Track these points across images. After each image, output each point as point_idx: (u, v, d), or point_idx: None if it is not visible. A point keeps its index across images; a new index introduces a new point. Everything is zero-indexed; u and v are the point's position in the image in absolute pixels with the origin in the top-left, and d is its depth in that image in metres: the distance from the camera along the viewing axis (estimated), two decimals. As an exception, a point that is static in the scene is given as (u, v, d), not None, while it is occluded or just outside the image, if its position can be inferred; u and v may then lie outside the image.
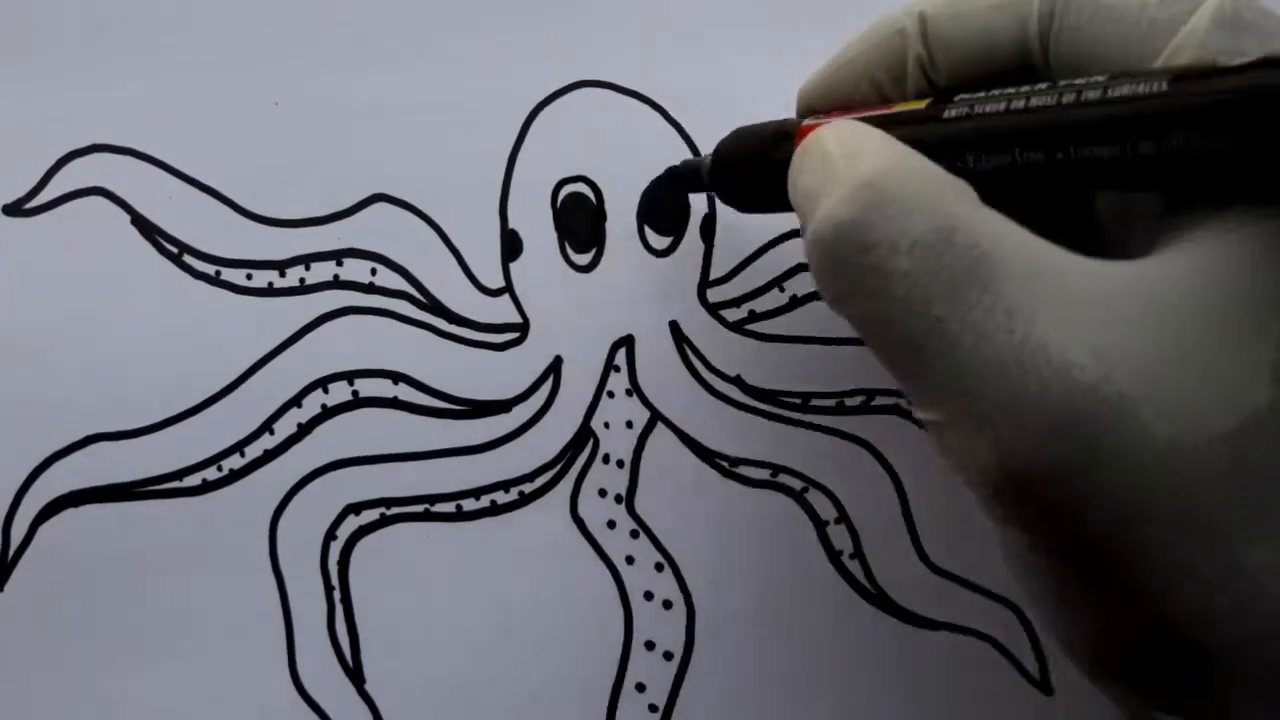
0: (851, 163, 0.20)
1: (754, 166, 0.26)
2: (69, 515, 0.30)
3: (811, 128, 0.24)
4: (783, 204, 0.25)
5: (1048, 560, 0.19)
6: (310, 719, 0.30)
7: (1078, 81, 0.20)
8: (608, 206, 0.31)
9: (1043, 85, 0.20)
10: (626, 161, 0.31)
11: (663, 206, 0.31)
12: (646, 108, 0.31)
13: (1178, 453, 0.17)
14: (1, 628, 0.30)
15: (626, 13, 0.31)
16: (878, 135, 0.21)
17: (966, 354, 0.18)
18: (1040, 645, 0.31)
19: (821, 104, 0.25)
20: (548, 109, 0.31)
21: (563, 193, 0.31)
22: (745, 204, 0.28)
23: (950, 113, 0.21)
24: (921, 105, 0.22)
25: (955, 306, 0.18)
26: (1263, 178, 0.18)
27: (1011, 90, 0.21)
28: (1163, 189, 0.20)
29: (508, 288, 0.31)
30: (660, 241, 0.31)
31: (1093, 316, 0.18)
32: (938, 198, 0.19)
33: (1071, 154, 0.19)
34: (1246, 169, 0.18)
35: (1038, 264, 0.18)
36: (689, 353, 0.31)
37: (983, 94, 0.21)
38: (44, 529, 0.30)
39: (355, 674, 0.30)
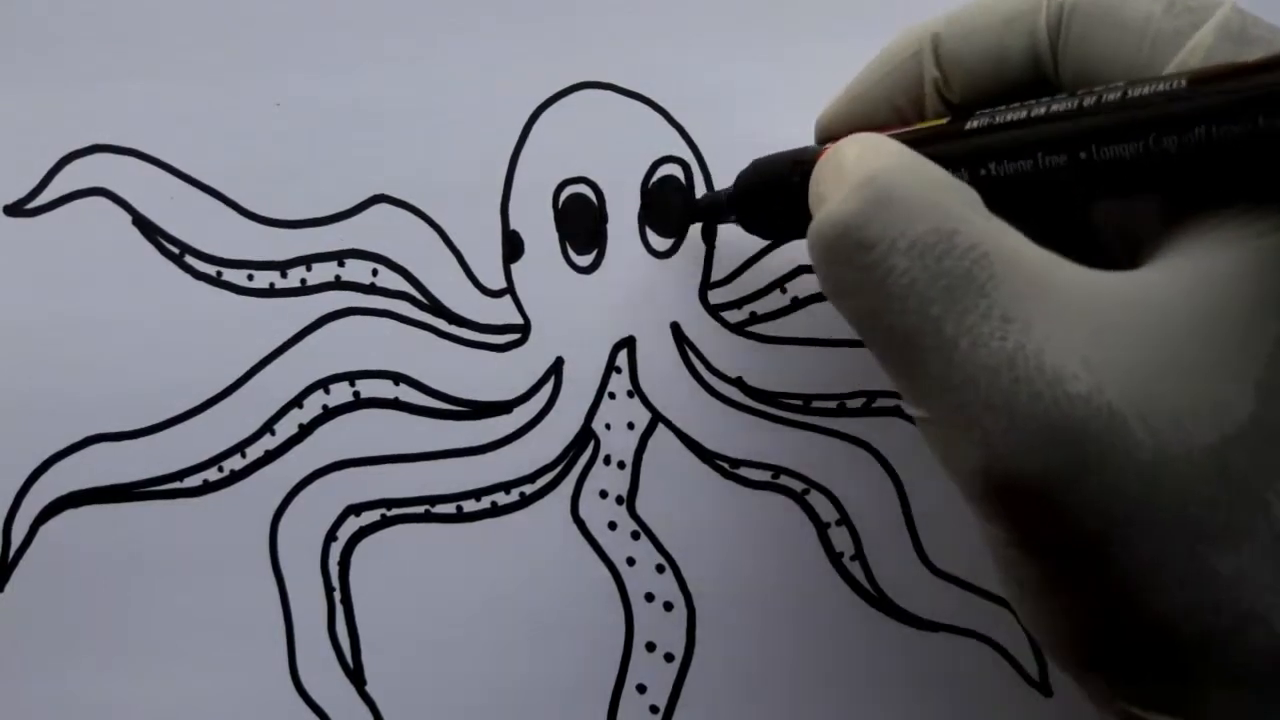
0: (860, 163, 0.20)
1: (775, 195, 0.26)
2: (69, 516, 0.30)
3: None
4: (804, 231, 0.25)
5: (1030, 558, 0.19)
6: (311, 720, 0.30)
7: (1096, 88, 0.20)
8: (609, 208, 0.31)
9: (1062, 95, 0.20)
10: (628, 163, 0.31)
11: (664, 208, 0.31)
12: (648, 109, 0.31)
13: (1162, 464, 0.18)
14: (2, 628, 0.30)
15: (628, 14, 0.31)
16: (894, 143, 0.21)
17: (961, 356, 0.18)
18: (1039, 646, 0.31)
19: (842, 131, 0.25)
20: (549, 110, 0.31)
21: (564, 194, 0.31)
22: (769, 232, 0.28)
23: (972, 124, 0.22)
24: (942, 122, 0.23)
25: (952, 309, 0.19)
26: (1275, 177, 0.18)
27: (1031, 101, 0.21)
28: (1182, 189, 0.20)
29: (509, 289, 0.31)
30: (662, 243, 0.31)
31: (1087, 328, 0.18)
32: (941, 199, 0.19)
33: (1094, 154, 0.19)
34: (1263, 167, 0.18)
35: (1037, 273, 0.19)
36: (690, 354, 0.31)
37: (1003, 106, 0.21)
38: (45, 529, 0.30)
39: (356, 675, 0.30)
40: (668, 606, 0.31)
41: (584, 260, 0.31)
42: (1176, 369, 0.18)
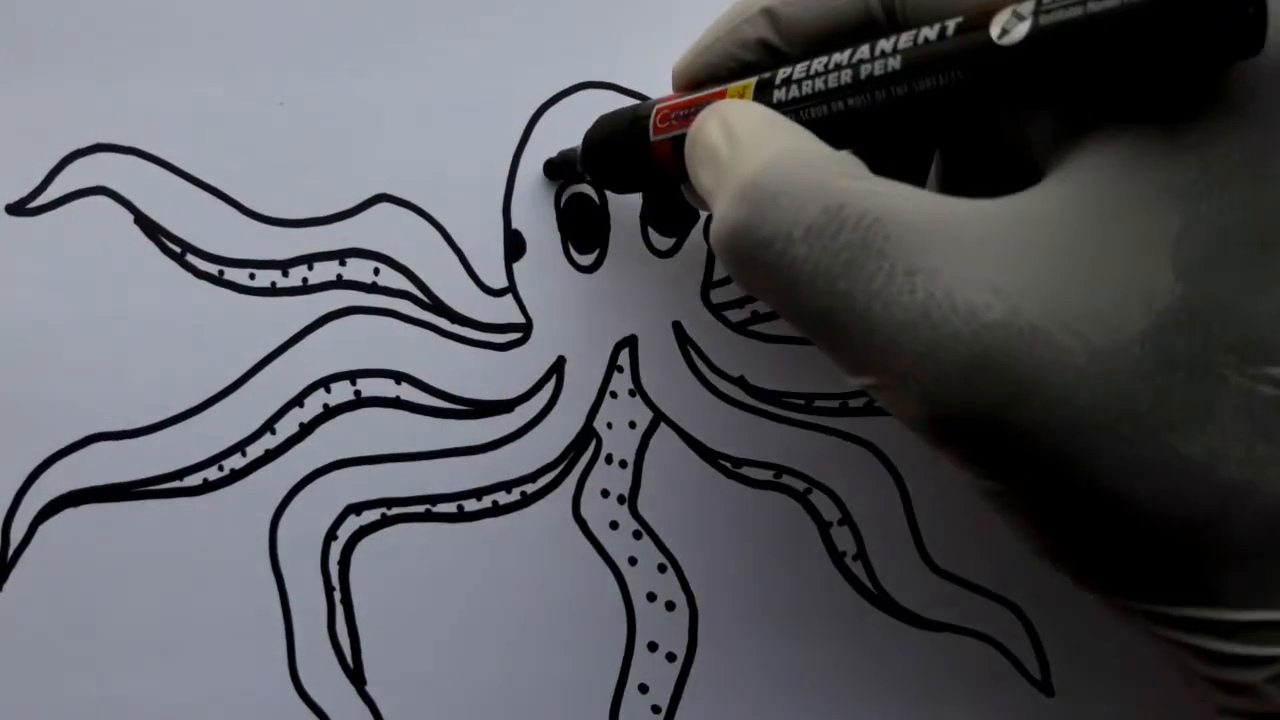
0: (736, 158, 0.21)
1: (617, 148, 0.27)
2: (69, 515, 0.30)
3: (665, 107, 0.25)
4: (649, 184, 0.28)
5: (1006, 489, 0.20)
6: (310, 721, 0.30)
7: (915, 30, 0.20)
8: (611, 207, 0.31)
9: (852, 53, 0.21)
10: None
11: (665, 208, 0.32)
12: (650, 108, 0.31)
13: (1099, 365, 0.18)
14: (1, 626, 0.29)
15: (630, 14, 0.32)
16: (755, 117, 0.22)
17: (876, 320, 0.19)
18: (1042, 646, 0.31)
19: (691, 83, 0.26)
20: (552, 109, 0.31)
21: (566, 193, 0.31)
22: (617, 185, 0.29)
23: (777, 95, 0.22)
24: (750, 85, 0.23)
25: (857, 279, 0.19)
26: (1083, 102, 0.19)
27: (820, 68, 0.22)
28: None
29: (511, 288, 0.31)
30: (663, 242, 0.32)
31: (989, 258, 0.19)
32: (823, 179, 0.20)
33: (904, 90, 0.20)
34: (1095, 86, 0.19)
35: (929, 220, 0.19)
36: (692, 353, 0.31)
37: (801, 74, 0.22)
38: (44, 528, 0.30)
39: (356, 675, 0.30)
40: (670, 606, 0.31)
41: (586, 259, 0.31)
42: (1086, 272, 0.18)
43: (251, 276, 0.31)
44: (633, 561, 0.31)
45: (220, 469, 0.30)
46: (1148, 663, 0.31)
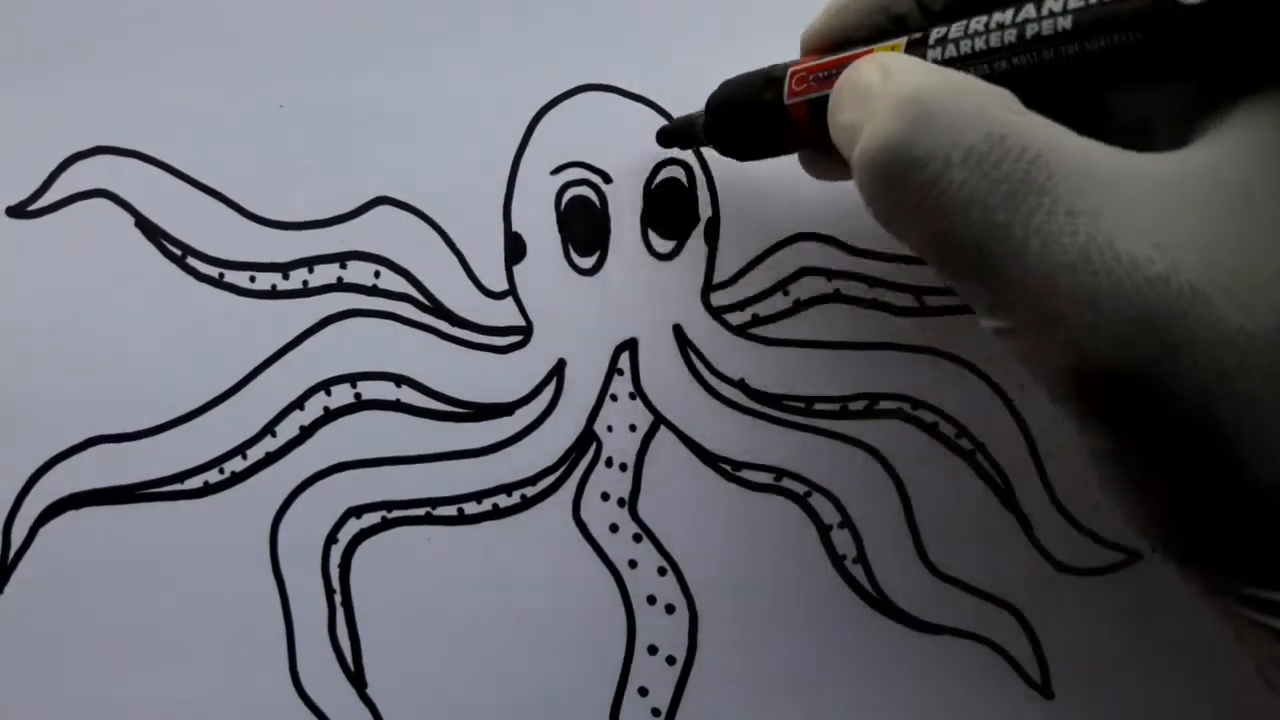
0: (891, 84, 0.20)
1: (747, 113, 0.27)
2: (70, 517, 0.30)
3: (801, 69, 0.25)
4: (779, 148, 0.27)
5: (1130, 450, 0.19)
6: (311, 723, 0.30)
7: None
8: (611, 210, 0.31)
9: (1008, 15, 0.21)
10: (631, 165, 0.31)
11: (667, 210, 0.31)
12: (651, 111, 0.31)
13: (1252, 334, 0.18)
14: (2, 629, 0.29)
15: (630, 16, 0.32)
16: (913, 59, 0.21)
17: (1035, 258, 0.18)
18: (1041, 649, 0.31)
19: (825, 46, 0.25)
20: (552, 112, 0.31)
21: (566, 196, 0.31)
22: (743, 151, 0.28)
23: (932, 55, 0.22)
24: (900, 45, 0.23)
25: (1017, 212, 0.19)
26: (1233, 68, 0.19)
27: (980, 28, 0.21)
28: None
29: (511, 290, 0.31)
30: (664, 245, 0.31)
31: (1150, 211, 0.18)
32: (984, 106, 0.19)
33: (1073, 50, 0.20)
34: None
35: (1091, 163, 0.19)
36: (692, 356, 0.31)
37: (959, 33, 0.22)
38: (45, 531, 0.30)
39: (356, 678, 0.30)
40: (669, 609, 0.31)
41: (586, 262, 0.31)
42: (1247, 239, 0.18)
43: (252, 279, 0.31)
44: (633, 564, 0.31)
45: (221, 472, 0.30)
46: (1147, 665, 0.31)
